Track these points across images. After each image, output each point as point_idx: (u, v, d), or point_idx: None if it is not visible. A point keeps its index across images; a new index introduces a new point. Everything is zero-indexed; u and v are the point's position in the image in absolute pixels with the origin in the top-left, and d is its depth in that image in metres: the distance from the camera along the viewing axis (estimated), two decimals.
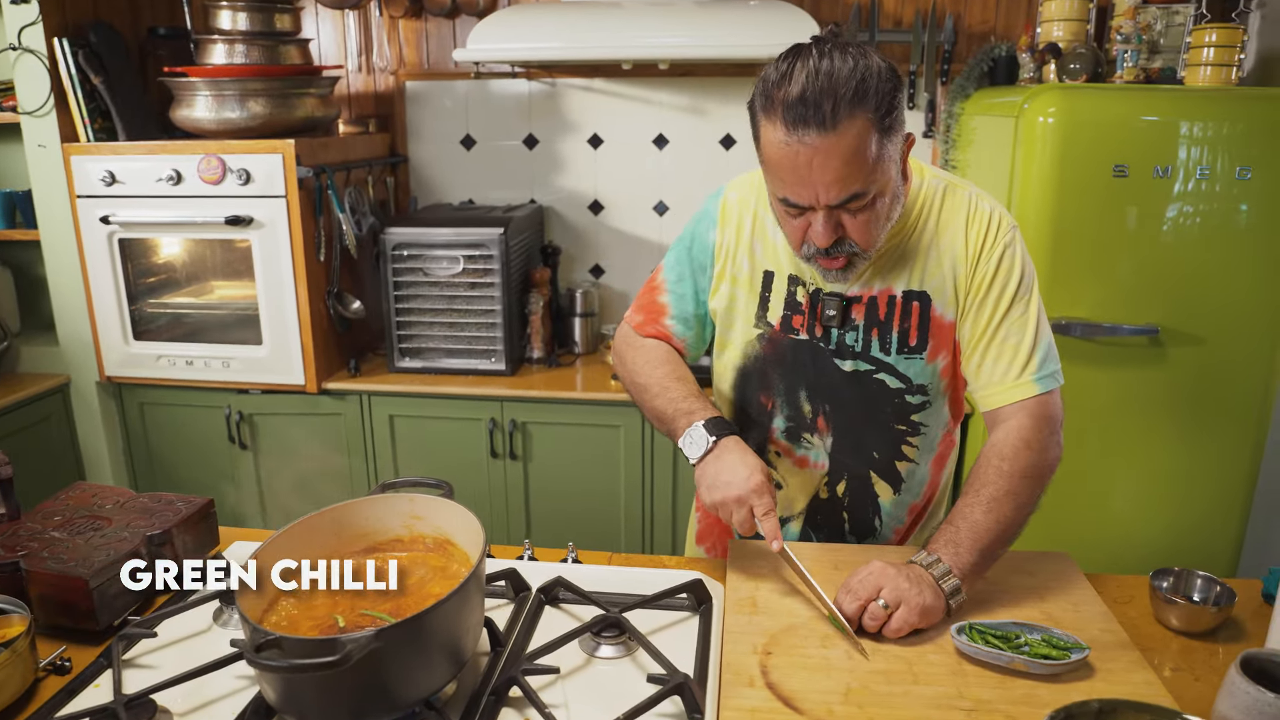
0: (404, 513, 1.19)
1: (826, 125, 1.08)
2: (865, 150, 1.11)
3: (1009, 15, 2.75)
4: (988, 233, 1.28)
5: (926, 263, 1.30)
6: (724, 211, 1.40)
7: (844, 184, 1.13)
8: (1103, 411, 2.15)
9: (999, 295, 1.27)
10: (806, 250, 1.22)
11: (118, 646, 1.12)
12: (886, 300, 1.31)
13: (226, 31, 2.51)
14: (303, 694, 0.92)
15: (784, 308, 1.36)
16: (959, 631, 1.12)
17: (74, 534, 1.31)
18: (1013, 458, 1.25)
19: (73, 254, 2.68)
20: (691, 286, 1.43)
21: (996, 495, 1.23)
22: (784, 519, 1.47)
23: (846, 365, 1.34)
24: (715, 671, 1.09)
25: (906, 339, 1.31)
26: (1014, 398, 1.28)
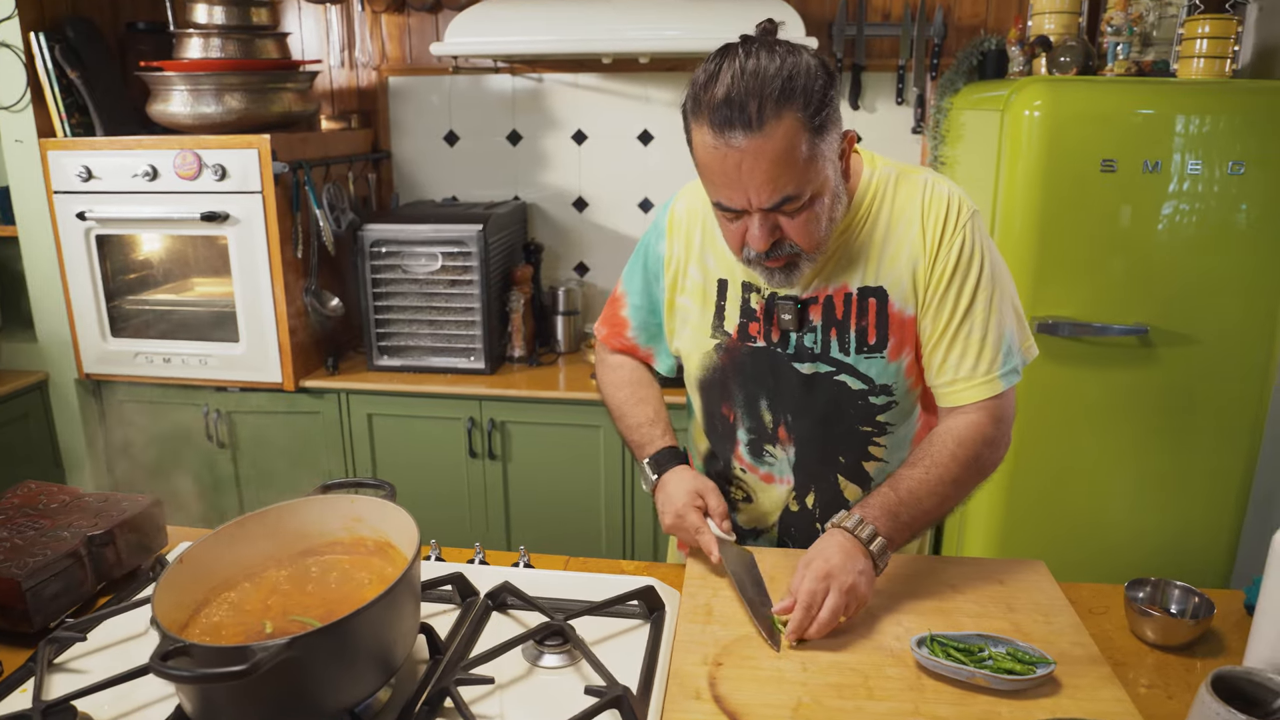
0: (345, 514, 1.15)
1: (753, 126, 1.04)
2: (796, 150, 1.07)
3: (1000, 8, 2.69)
4: (946, 219, 1.22)
5: (882, 256, 1.24)
6: (672, 222, 1.36)
7: (775, 186, 1.08)
8: (1091, 413, 2.09)
9: (960, 288, 1.22)
10: (746, 254, 1.18)
11: (45, 650, 1.08)
12: (843, 298, 1.26)
13: (202, 25, 2.48)
14: (217, 704, 0.88)
15: (740, 315, 1.31)
16: (920, 644, 1.07)
17: (15, 533, 1.28)
18: (969, 446, 1.23)
19: (50, 250, 2.65)
20: (647, 299, 1.41)
21: (945, 479, 1.22)
22: (758, 531, 1.43)
23: (805, 368, 1.29)
24: (661, 682, 1.04)
25: (865, 337, 1.26)
26: (977, 397, 1.24)
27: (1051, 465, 2.13)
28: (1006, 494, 2.17)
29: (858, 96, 2.79)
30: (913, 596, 1.22)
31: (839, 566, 1.12)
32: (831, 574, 1.12)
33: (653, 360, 1.45)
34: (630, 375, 1.43)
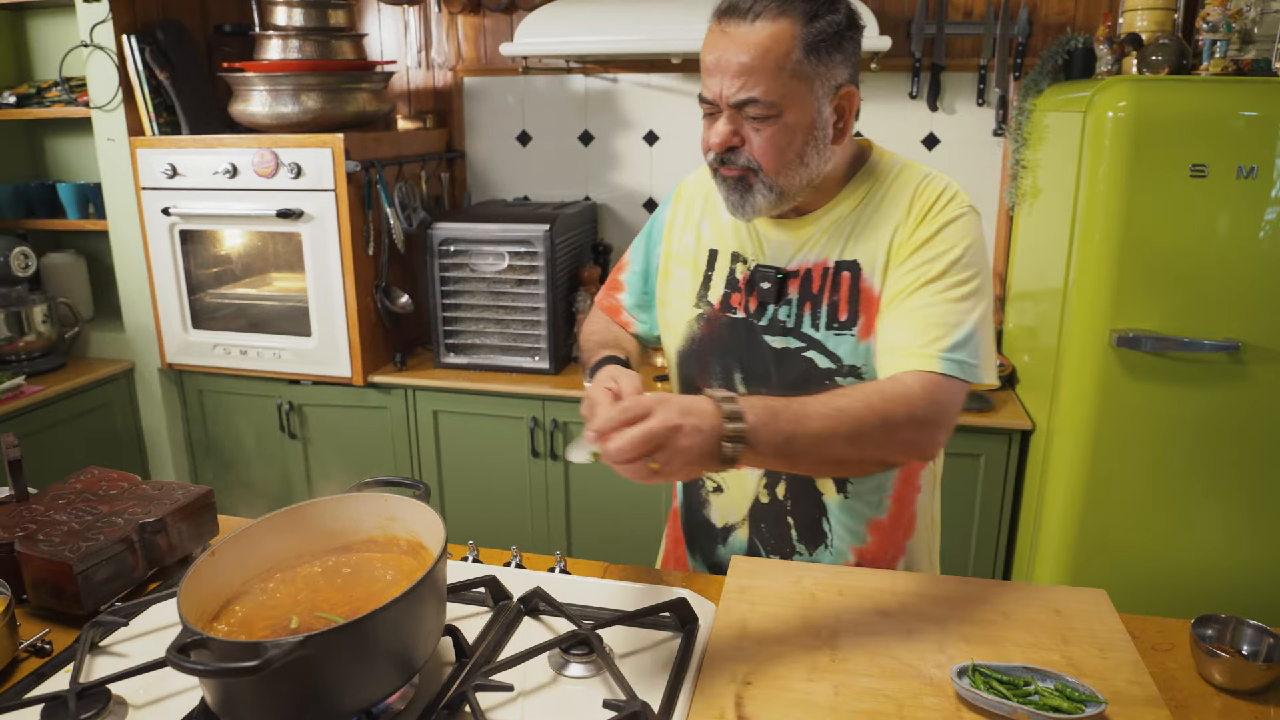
0: (379, 513, 1.15)
1: (745, 17, 1.09)
2: (779, 56, 1.09)
3: (1089, 5, 2.57)
4: (935, 203, 1.18)
5: (864, 231, 1.21)
6: (679, 193, 1.41)
7: (745, 80, 1.10)
8: (1174, 434, 1.97)
9: (928, 261, 1.15)
10: (709, 157, 1.18)
11: (88, 633, 1.12)
12: (821, 273, 1.24)
13: (282, 27, 2.55)
14: (235, 698, 0.89)
15: (725, 286, 1.31)
16: (960, 674, 1.02)
17: (74, 517, 1.32)
18: (889, 400, 1.08)
19: (138, 244, 2.77)
20: (645, 264, 1.44)
21: (847, 411, 1.06)
22: (730, 526, 1.38)
23: (776, 342, 1.25)
24: (687, 699, 1.01)
25: (836, 313, 1.22)
26: (910, 365, 1.12)
27: (1129, 488, 2.02)
28: (1080, 517, 2.06)
29: (936, 97, 2.70)
30: (961, 621, 1.16)
31: (679, 409, 0.98)
32: (665, 404, 0.99)
33: (632, 324, 1.46)
34: (599, 320, 1.46)
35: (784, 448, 1.03)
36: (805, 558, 1.35)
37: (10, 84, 2.98)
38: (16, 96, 2.87)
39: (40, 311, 2.78)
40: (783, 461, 1.06)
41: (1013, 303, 2.66)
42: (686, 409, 0.99)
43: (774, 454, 1.03)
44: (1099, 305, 1.95)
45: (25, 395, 2.60)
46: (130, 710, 1.01)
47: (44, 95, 2.88)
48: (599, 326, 1.46)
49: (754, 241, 1.28)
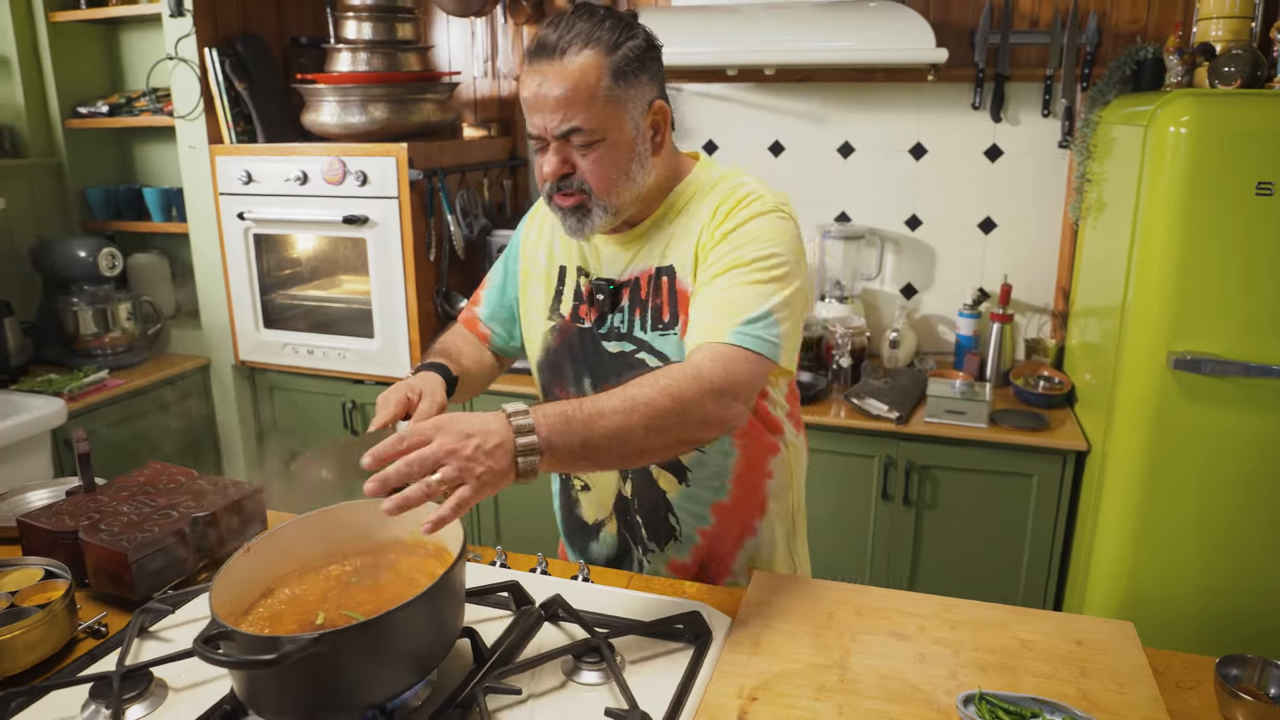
0: (408, 517, 1.19)
1: (555, 55, 1.17)
2: (590, 86, 1.16)
3: (1163, 13, 2.49)
4: (738, 203, 1.25)
5: (678, 235, 1.29)
6: (532, 214, 1.49)
7: (566, 112, 1.17)
8: (1236, 462, 1.90)
9: (730, 251, 1.22)
10: (546, 188, 1.24)
11: (137, 619, 1.20)
12: (647, 280, 1.32)
13: (352, 40, 2.64)
14: (258, 688, 0.94)
15: (574, 299, 1.39)
16: (966, 702, 1.02)
17: (133, 509, 1.41)
18: (679, 381, 1.10)
19: (215, 247, 2.91)
20: (503, 278, 1.50)
21: (638, 399, 1.08)
22: (600, 522, 1.45)
23: (613, 348, 1.34)
24: (690, 711, 1.03)
25: (660, 315, 1.30)
26: (704, 341, 1.17)
27: (1186, 515, 1.95)
28: (1134, 543, 2.01)
29: (1000, 108, 2.65)
30: (977, 649, 1.15)
31: (460, 431, 0.98)
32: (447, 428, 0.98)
33: (488, 338, 1.52)
34: (449, 335, 1.50)
35: (582, 451, 1.04)
36: (657, 553, 1.41)
37: (104, 94, 3.16)
38: (109, 106, 3.05)
39: (125, 309, 2.94)
40: (586, 463, 1.08)
41: (1075, 319, 2.59)
42: (470, 431, 0.98)
43: (574, 459, 1.05)
44: (1157, 326, 1.90)
45: (108, 388, 2.76)
46: (170, 693, 1.08)
47: (133, 105, 3.04)
48: (448, 336, 1.51)
49: (593, 257, 1.37)
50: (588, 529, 1.47)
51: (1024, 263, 2.75)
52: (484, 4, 2.88)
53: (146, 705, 1.05)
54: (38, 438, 2.53)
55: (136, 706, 1.05)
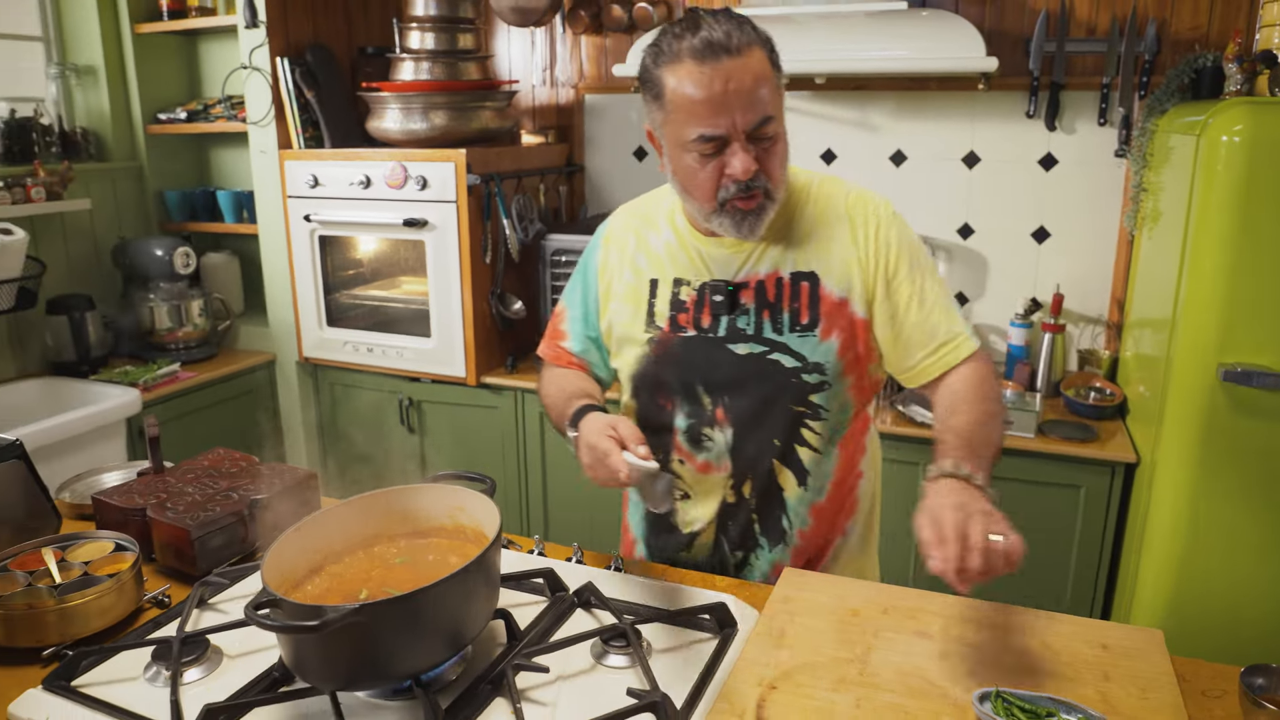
0: (450, 504, 1.26)
1: (733, 50, 1.17)
2: (768, 76, 1.21)
3: (1225, 20, 2.45)
4: (875, 216, 1.34)
5: (812, 244, 1.34)
6: (608, 236, 1.49)
7: (756, 106, 1.19)
8: None
9: (908, 273, 1.32)
10: (724, 193, 1.24)
11: (197, 591, 1.28)
12: (774, 283, 1.35)
13: (415, 50, 2.74)
14: (303, 655, 1.01)
15: (670, 309, 1.39)
16: (982, 699, 1.03)
17: (198, 490, 1.50)
18: (984, 384, 1.31)
19: (283, 247, 3.04)
20: (583, 309, 1.50)
21: (986, 414, 1.27)
22: (692, 534, 1.45)
23: (740, 349, 1.36)
24: (711, 697, 1.07)
25: (798, 317, 1.34)
26: (955, 359, 1.33)
27: (1234, 529, 1.92)
28: (1181, 557, 1.98)
29: (1055, 116, 2.64)
30: (1000, 649, 1.16)
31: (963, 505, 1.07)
32: (964, 504, 1.07)
33: (586, 369, 1.53)
34: (558, 374, 1.51)
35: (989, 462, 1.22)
36: (765, 552, 1.43)
37: (182, 101, 3.32)
38: (187, 112, 3.20)
39: (197, 306, 3.09)
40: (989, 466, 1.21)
41: (1129, 330, 2.56)
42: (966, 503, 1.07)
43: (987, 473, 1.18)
44: (1206, 337, 1.87)
45: (179, 380, 2.90)
46: (224, 659, 1.16)
47: (209, 111, 3.20)
48: (559, 379, 1.49)
49: (695, 262, 1.38)
50: (681, 537, 1.47)
51: (1078, 273, 2.72)
52: (543, 14, 2.96)
53: (203, 669, 1.13)
54: (114, 425, 2.67)
55: (194, 669, 1.12)
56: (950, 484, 1.13)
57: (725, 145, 1.21)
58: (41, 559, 1.32)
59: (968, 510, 1.06)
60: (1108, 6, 2.55)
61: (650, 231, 1.43)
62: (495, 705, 1.06)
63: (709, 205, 1.27)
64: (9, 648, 1.19)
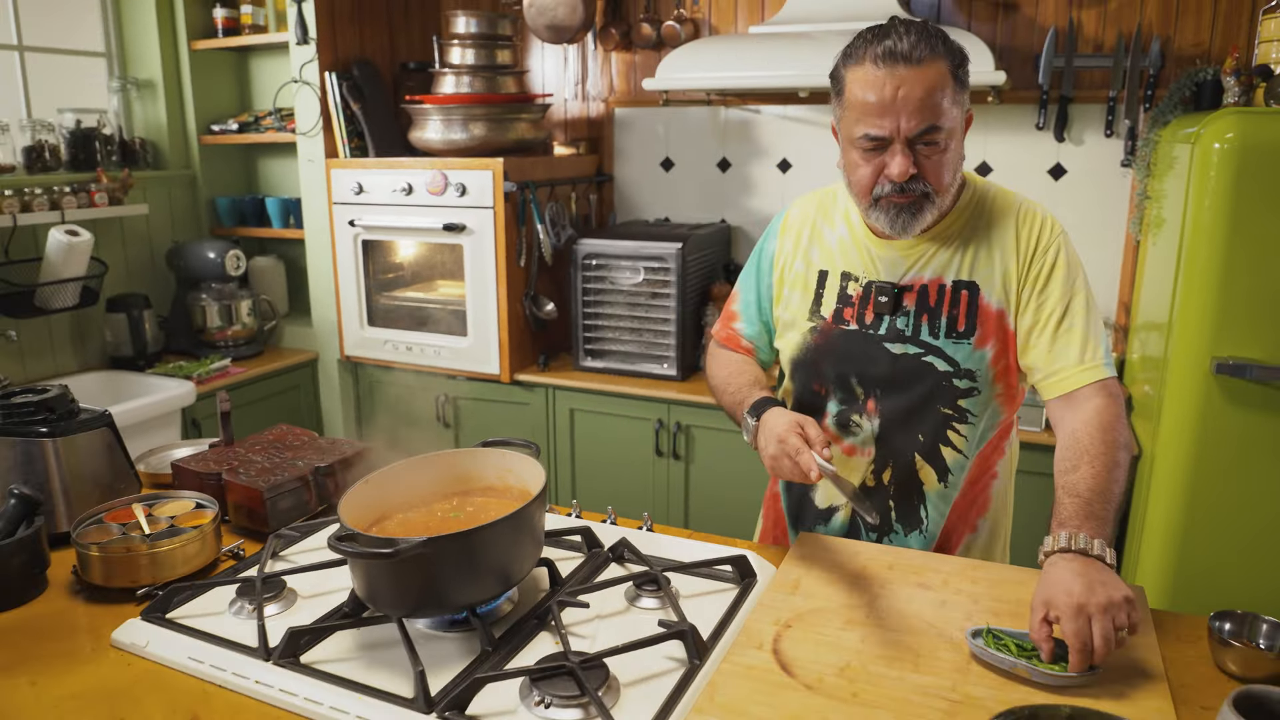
0: (499, 465, 1.40)
1: (912, 60, 1.25)
2: (943, 89, 1.27)
3: (1225, 36, 2.57)
4: (1041, 231, 1.39)
5: (976, 255, 1.40)
6: (785, 225, 1.57)
7: (923, 114, 1.26)
8: (1276, 465, 1.97)
9: (1061, 287, 1.36)
10: (879, 189, 1.32)
11: (272, 542, 1.42)
12: (937, 289, 1.41)
13: (455, 65, 2.92)
14: (376, 586, 1.15)
15: (836, 301, 1.48)
16: (975, 635, 1.15)
17: (266, 459, 1.65)
18: (1111, 429, 1.29)
19: (327, 251, 3.21)
20: (756, 294, 1.58)
21: (1109, 464, 1.25)
22: (830, 509, 1.55)
23: (896, 349, 1.43)
24: (733, 633, 1.20)
25: (955, 324, 1.40)
26: (1092, 378, 1.33)
27: (1229, 515, 2.02)
28: (1180, 542, 2.08)
29: (1064, 128, 2.76)
30: (994, 600, 1.28)
31: (1087, 588, 1.10)
32: (1083, 606, 1.08)
33: (753, 351, 1.61)
34: (733, 358, 1.60)
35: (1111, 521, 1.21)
36: (900, 537, 1.51)
37: (234, 113, 3.52)
38: (238, 124, 3.40)
39: (246, 306, 3.26)
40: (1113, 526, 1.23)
41: (1136, 333, 2.67)
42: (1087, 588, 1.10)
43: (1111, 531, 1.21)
44: (1201, 332, 1.99)
45: (230, 374, 3.07)
46: (298, 598, 1.30)
47: (259, 123, 3.39)
48: (734, 363, 1.58)
49: (865, 260, 1.46)
50: (818, 513, 1.56)
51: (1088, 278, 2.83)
52: (576, 32, 3.12)
53: (280, 605, 1.28)
54: (170, 414, 2.84)
55: (272, 605, 1.27)
56: (1067, 564, 1.14)
57: (888, 146, 1.29)
58: (132, 513, 1.47)
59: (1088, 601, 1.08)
60: (1114, 23, 2.68)
61: (825, 225, 1.50)
62: (541, 638, 1.19)
63: (865, 200, 1.35)
64: (105, 587, 1.35)
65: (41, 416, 1.54)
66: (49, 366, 3.01)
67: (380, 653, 1.16)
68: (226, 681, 1.12)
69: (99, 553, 1.33)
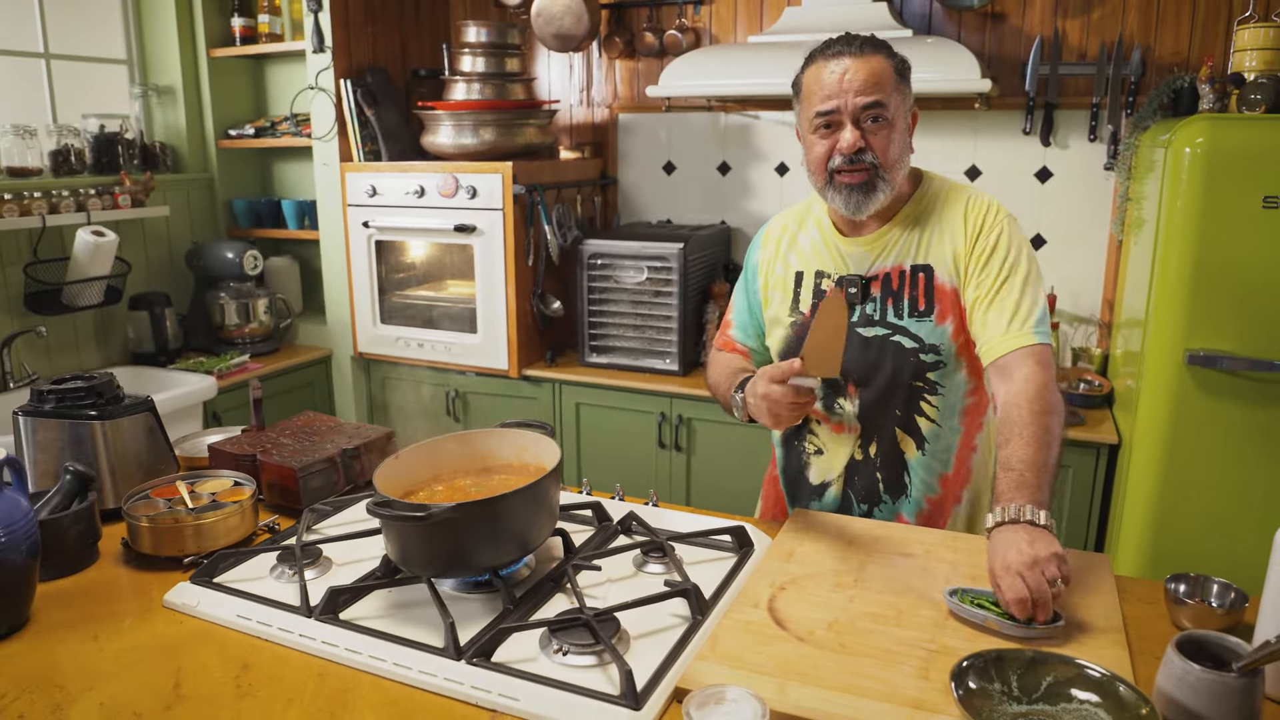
0: (516, 444, 1.52)
1: (854, 51, 1.46)
2: (886, 75, 1.46)
3: (1204, 45, 2.69)
4: (986, 215, 1.53)
5: (931, 239, 1.55)
6: (766, 236, 1.74)
7: (868, 91, 1.44)
8: (1250, 451, 2.08)
9: (1000, 264, 1.50)
10: (832, 164, 1.49)
11: (306, 516, 1.54)
12: (898, 274, 1.56)
13: (466, 73, 3.04)
14: (409, 548, 1.27)
15: (813, 296, 1.63)
16: (952, 594, 1.27)
17: (296, 442, 1.77)
18: (1038, 397, 1.39)
19: (341, 252, 3.33)
20: (745, 302, 1.75)
21: (1038, 432, 1.36)
22: (824, 484, 1.67)
23: (867, 333, 1.57)
24: (732, 594, 1.32)
25: (916, 304, 1.55)
26: (1019, 344, 1.45)
27: (1203, 501, 2.14)
28: (1155, 527, 2.20)
29: (1049, 133, 2.88)
30: (972, 567, 1.39)
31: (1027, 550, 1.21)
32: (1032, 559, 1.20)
33: (748, 354, 1.75)
34: (727, 359, 1.75)
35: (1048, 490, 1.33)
36: (889, 505, 1.64)
37: (251, 118, 3.64)
38: (255, 129, 3.52)
39: (263, 304, 3.38)
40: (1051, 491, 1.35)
41: (1118, 329, 2.78)
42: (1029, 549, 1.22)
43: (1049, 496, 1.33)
44: (1175, 326, 2.11)
45: (249, 370, 3.19)
46: (334, 566, 1.42)
47: (276, 128, 3.51)
48: (727, 363, 1.73)
49: (835, 258, 1.61)
50: (811, 489, 1.69)
51: (1073, 277, 2.95)
52: (581, 41, 3.24)
53: (317, 570, 1.39)
54: (192, 408, 2.96)
55: (310, 570, 1.39)
56: (1004, 534, 1.26)
57: (840, 126, 1.47)
58: (176, 490, 1.58)
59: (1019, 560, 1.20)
60: (1097, 33, 2.80)
61: (800, 232, 1.67)
62: (557, 598, 1.31)
63: (821, 178, 1.51)
64: (153, 556, 1.46)
65: (90, 401, 1.66)
66: (74, 362, 3.12)
67: (412, 610, 1.28)
68: (273, 636, 1.24)
69: (149, 524, 1.45)
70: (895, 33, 2.72)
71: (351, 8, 3.22)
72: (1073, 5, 2.82)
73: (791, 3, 3.08)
